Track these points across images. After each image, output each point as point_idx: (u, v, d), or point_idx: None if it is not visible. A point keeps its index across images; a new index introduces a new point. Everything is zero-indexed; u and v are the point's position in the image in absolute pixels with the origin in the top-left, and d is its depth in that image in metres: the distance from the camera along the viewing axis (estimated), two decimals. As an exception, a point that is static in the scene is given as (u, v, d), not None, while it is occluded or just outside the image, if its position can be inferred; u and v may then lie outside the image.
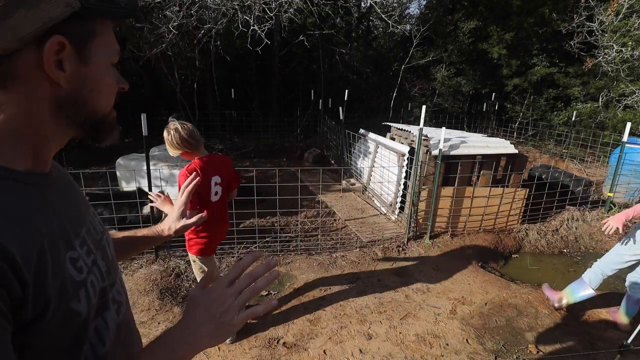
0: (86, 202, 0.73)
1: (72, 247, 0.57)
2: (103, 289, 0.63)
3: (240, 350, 2.48)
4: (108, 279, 0.66)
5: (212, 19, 7.12)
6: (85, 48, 0.53)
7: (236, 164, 7.24)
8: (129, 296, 0.80)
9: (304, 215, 4.82)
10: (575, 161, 8.11)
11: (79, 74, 0.53)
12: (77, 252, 0.58)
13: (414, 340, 2.61)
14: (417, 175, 4.05)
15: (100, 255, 0.66)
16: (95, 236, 0.67)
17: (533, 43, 11.17)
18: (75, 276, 0.55)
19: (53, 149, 0.59)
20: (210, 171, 2.20)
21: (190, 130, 2.13)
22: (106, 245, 0.71)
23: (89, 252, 0.61)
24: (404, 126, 5.44)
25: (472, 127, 10.99)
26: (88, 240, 0.63)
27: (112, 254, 0.73)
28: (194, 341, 0.60)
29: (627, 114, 8.63)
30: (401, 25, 11.26)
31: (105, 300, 0.64)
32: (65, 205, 0.61)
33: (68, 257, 0.55)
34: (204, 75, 10.06)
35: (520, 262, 4.21)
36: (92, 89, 0.56)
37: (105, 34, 0.56)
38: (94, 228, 0.68)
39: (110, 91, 0.59)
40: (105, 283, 0.63)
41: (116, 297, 0.70)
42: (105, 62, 0.57)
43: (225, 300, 0.61)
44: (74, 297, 0.54)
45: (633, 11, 7.96)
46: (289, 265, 3.62)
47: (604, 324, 2.88)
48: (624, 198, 5.25)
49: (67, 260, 0.55)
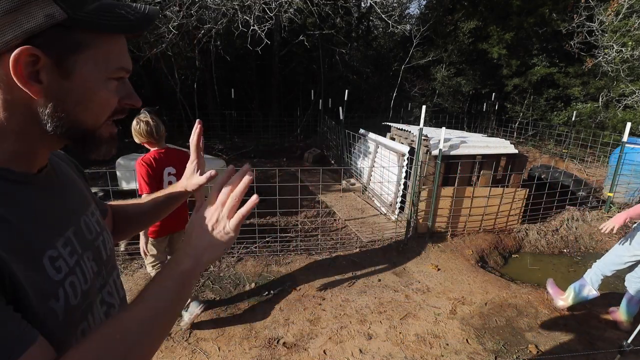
0: (85, 201, 0.73)
1: (52, 246, 0.57)
2: (86, 291, 0.62)
3: (240, 350, 2.48)
4: (98, 280, 0.67)
5: (212, 19, 7.12)
6: (67, 60, 0.51)
7: (236, 164, 7.26)
8: (128, 297, 0.80)
9: (304, 215, 4.82)
10: (575, 161, 8.12)
11: (61, 87, 0.52)
12: (57, 251, 0.57)
13: (414, 340, 2.61)
14: (417, 175, 4.05)
15: (91, 256, 0.66)
16: (87, 237, 0.67)
17: (533, 43, 11.17)
18: (52, 275, 0.55)
19: (41, 153, 0.59)
20: (164, 162, 2.44)
21: (156, 126, 2.39)
22: (101, 246, 0.71)
23: (72, 252, 0.60)
24: (404, 126, 5.45)
25: (472, 127, 11.00)
26: (75, 240, 0.63)
27: (108, 255, 0.73)
28: (196, 254, 0.62)
29: (627, 114, 8.63)
30: (401, 25, 11.27)
31: (90, 303, 0.63)
32: (50, 205, 0.61)
33: (47, 256, 0.55)
34: (204, 75, 10.06)
35: (520, 262, 4.21)
36: (78, 102, 0.54)
37: (102, 47, 0.53)
38: (87, 229, 0.68)
39: (101, 106, 0.57)
40: (88, 285, 0.62)
41: (106, 298, 0.69)
42: (97, 75, 0.54)
43: (213, 214, 0.64)
44: (52, 296, 0.54)
45: (633, 11, 7.96)
46: (289, 265, 3.62)
47: (604, 324, 2.88)
48: (624, 198, 5.25)
49: (46, 258, 0.54)
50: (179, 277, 0.61)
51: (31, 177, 0.58)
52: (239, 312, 2.90)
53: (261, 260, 3.66)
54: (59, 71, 0.51)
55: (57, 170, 0.69)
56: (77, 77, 0.52)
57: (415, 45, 10.74)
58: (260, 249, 3.82)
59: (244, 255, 3.72)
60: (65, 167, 0.74)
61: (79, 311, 0.59)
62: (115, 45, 0.55)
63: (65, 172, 0.72)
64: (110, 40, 0.55)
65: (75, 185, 0.73)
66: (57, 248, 0.57)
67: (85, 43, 0.52)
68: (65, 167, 0.74)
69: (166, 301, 0.59)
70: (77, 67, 0.52)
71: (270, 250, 3.85)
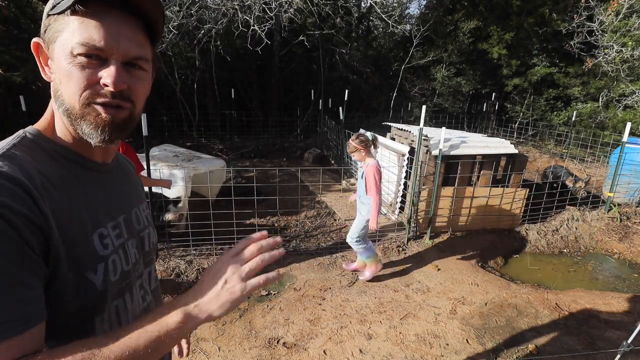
0: (139, 196, 0.85)
1: (103, 225, 0.66)
2: (126, 272, 0.70)
3: (240, 350, 2.48)
4: (136, 268, 0.75)
5: (212, 19, 7.12)
6: (53, 45, 0.60)
7: (236, 164, 7.26)
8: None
9: (304, 215, 4.82)
10: (575, 161, 8.12)
11: (52, 69, 0.62)
12: (107, 230, 0.67)
13: (414, 340, 2.61)
14: (417, 175, 4.05)
15: (135, 244, 0.75)
16: (135, 226, 0.77)
17: (533, 43, 11.17)
18: (99, 250, 0.63)
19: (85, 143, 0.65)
20: None
21: None
22: (145, 237, 0.80)
23: (119, 235, 0.70)
24: (404, 126, 5.44)
25: (472, 127, 11.00)
26: (124, 225, 0.73)
27: (149, 248, 0.82)
28: (188, 311, 0.58)
29: (627, 114, 8.62)
30: (401, 25, 11.27)
31: (129, 283, 0.71)
32: (110, 192, 0.72)
33: (97, 233, 0.64)
34: (204, 75, 10.05)
35: (520, 262, 4.21)
36: (61, 81, 0.61)
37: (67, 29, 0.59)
38: (137, 219, 0.79)
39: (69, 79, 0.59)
40: (129, 267, 0.71)
41: (144, 285, 0.79)
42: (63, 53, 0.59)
43: (228, 269, 0.61)
44: (91, 268, 0.61)
45: (633, 11, 7.96)
46: (289, 265, 3.62)
47: (604, 324, 2.87)
48: (624, 198, 5.25)
49: (96, 235, 0.64)
50: (162, 329, 0.57)
51: (96, 164, 0.70)
52: (239, 312, 2.90)
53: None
54: (51, 55, 0.62)
55: (122, 166, 0.83)
56: (56, 58, 0.60)
57: (415, 45, 10.74)
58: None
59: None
60: (128, 167, 0.88)
61: (117, 288, 0.67)
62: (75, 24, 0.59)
63: (128, 170, 0.85)
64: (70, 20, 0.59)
65: (133, 182, 0.85)
66: (106, 227, 0.67)
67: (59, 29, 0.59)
68: (129, 167, 0.88)
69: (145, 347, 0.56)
70: (56, 49, 0.60)
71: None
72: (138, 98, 0.66)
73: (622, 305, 3.08)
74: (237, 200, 3.57)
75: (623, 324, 2.85)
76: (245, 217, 4.42)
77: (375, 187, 2.97)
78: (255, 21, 6.52)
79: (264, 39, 6.61)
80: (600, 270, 4.06)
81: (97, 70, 0.60)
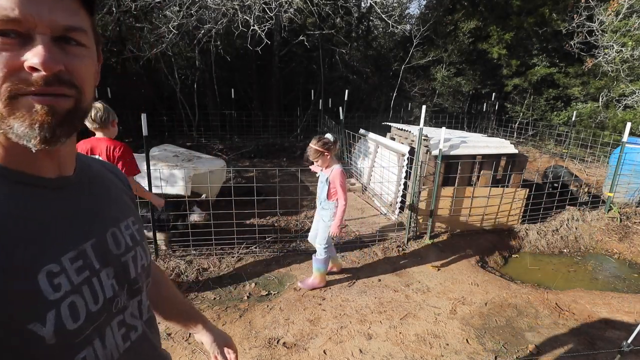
0: (122, 212, 0.67)
1: (54, 259, 0.51)
2: (94, 313, 0.55)
3: (240, 350, 2.48)
4: (114, 304, 0.60)
5: (212, 19, 7.12)
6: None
7: (236, 164, 7.26)
8: None
9: (304, 215, 4.82)
10: (575, 161, 8.12)
11: None
12: (60, 265, 0.51)
13: (414, 340, 2.61)
14: (417, 175, 4.05)
15: (112, 272, 0.60)
16: (112, 251, 0.61)
17: (533, 43, 11.17)
18: (46, 293, 0.48)
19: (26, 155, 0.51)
20: (81, 148, 2.61)
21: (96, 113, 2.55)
22: (130, 263, 0.64)
23: (81, 268, 0.54)
24: (404, 126, 5.45)
25: (472, 127, 10.99)
26: (92, 254, 0.57)
27: (137, 272, 0.66)
28: None
29: (627, 114, 8.63)
30: (401, 25, 11.26)
31: (99, 326, 0.56)
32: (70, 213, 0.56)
33: (45, 270, 0.49)
34: (204, 75, 10.06)
35: (520, 262, 4.21)
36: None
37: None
38: (115, 242, 0.62)
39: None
40: (98, 306, 0.56)
41: (127, 320, 0.63)
42: None
43: None
44: (36, 317, 0.47)
45: (633, 11, 7.96)
46: (289, 265, 3.62)
47: (604, 324, 2.88)
48: (624, 198, 5.25)
49: (42, 273, 0.49)
50: None
51: (46, 181, 0.54)
52: (239, 312, 2.90)
53: (261, 260, 3.66)
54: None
55: (96, 177, 0.66)
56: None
57: (415, 45, 10.73)
58: (260, 249, 3.82)
59: (244, 255, 3.72)
60: (109, 178, 0.70)
61: (80, 336, 0.52)
62: None
63: (106, 182, 0.68)
64: None
65: (115, 196, 0.68)
66: (60, 261, 0.52)
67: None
68: (110, 178, 0.71)
69: None
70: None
71: (270, 250, 3.85)
72: (83, 81, 0.51)
73: (622, 305, 3.08)
74: (237, 200, 3.57)
75: (623, 324, 2.85)
76: (245, 217, 4.42)
77: (343, 193, 2.94)
78: (255, 21, 6.53)
79: (264, 39, 6.61)
80: (600, 270, 4.06)
81: (19, 52, 0.46)
